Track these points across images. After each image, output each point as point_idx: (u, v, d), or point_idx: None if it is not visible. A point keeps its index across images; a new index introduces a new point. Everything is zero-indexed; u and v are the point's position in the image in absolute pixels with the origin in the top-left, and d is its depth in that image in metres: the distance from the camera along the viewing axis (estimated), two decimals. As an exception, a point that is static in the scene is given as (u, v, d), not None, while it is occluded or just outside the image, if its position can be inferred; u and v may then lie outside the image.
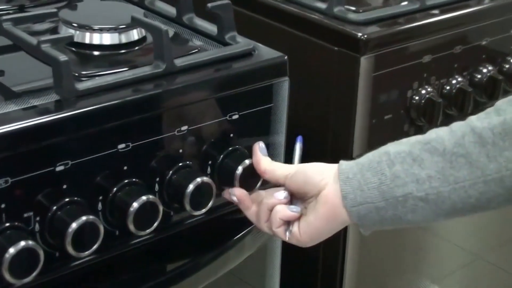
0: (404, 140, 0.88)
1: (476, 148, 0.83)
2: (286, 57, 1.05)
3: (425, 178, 0.84)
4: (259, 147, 0.97)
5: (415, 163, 0.85)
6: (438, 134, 0.86)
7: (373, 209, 0.87)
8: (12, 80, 0.93)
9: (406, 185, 0.85)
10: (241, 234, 1.05)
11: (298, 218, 0.92)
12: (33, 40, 0.92)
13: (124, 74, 0.93)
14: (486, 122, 0.83)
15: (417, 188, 0.85)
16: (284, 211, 0.92)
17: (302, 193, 0.92)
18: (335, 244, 1.25)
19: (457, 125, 0.85)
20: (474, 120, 0.84)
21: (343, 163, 0.90)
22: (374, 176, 0.86)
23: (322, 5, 1.23)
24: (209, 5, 1.04)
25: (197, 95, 0.97)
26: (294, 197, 0.93)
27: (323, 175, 0.90)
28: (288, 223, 0.92)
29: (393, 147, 0.87)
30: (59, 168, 0.86)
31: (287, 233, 0.92)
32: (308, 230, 0.91)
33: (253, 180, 0.98)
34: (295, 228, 0.92)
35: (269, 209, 0.93)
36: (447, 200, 0.84)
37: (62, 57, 0.87)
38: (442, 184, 0.84)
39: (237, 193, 0.96)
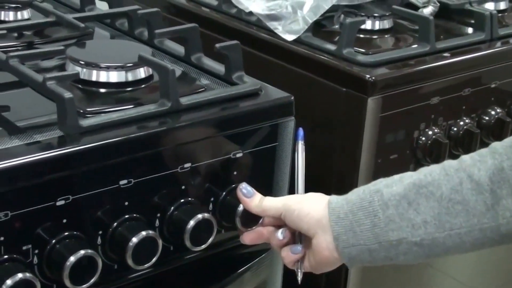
0: (396, 178, 0.88)
1: (474, 195, 0.83)
2: (292, 97, 1.05)
3: (421, 223, 0.84)
4: (242, 192, 0.96)
5: (410, 207, 0.84)
6: (433, 178, 0.85)
7: (365, 251, 0.86)
8: (17, 116, 0.95)
9: (401, 229, 0.85)
10: (240, 270, 1.05)
11: (306, 253, 0.92)
12: (39, 77, 0.93)
13: (129, 111, 0.95)
14: (483, 168, 0.83)
15: (412, 233, 0.84)
16: (288, 256, 0.92)
17: (300, 230, 0.92)
18: (337, 277, 1.25)
19: (451, 169, 0.85)
20: (470, 165, 0.84)
21: (332, 200, 0.89)
22: (366, 218, 0.86)
23: (332, 47, 1.24)
24: (218, 45, 1.06)
25: (202, 133, 0.98)
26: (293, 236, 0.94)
27: (309, 219, 0.89)
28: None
29: (385, 187, 0.87)
30: (60, 202, 0.87)
31: (299, 272, 0.92)
32: (316, 264, 0.91)
33: (255, 216, 0.99)
34: (305, 263, 0.92)
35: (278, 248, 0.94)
36: (441, 245, 0.84)
37: (67, 94, 0.89)
38: (437, 230, 0.84)
39: (247, 239, 0.97)
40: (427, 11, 1.39)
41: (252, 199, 0.95)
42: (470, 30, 1.41)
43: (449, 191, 0.84)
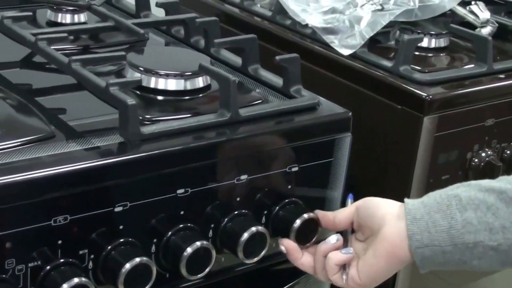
0: (473, 183, 0.87)
1: None
2: (350, 113, 1.05)
3: (499, 228, 0.83)
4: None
5: (489, 211, 0.84)
6: None
7: (439, 252, 0.86)
8: (74, 119, 0.95)
9: (478, 232, 0.84)
10: (289, 284, 1.05)
11: (355, 260, 0.92)
12: (102, 82, 0.93)
13: (188, 120, 0.94)
14: None
15: (490, 237, 0.84)
16: (337, 255, 0.92)
17: (364, 227, 0.92)
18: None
19: None
20: None
21: (409, 202, 0.89)
22: (443, 219, 0.85)
23: (388, 63, 1.24)
24: (277, 57, 1.05)
25: (259, 146, 0.98)
26: (346, 242, 0.94)
27: (385, 210, 0.90)
28: (344, 267, 0.92)
29: (463, 192, 0.86)
30: (118, 209, 0.87)
31: (344, 277, 0.91)
32: (366, 270, 0.91)
33: (310, 234, 0.98)
34: (352, 270, 0.92)
35: (324, 256, 0.93)
36: None
37: (130, 101, 0.88)
38: None
39: (285, 244, 0.97)
40: (485, 31, 1.38)
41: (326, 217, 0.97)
42: (528, 52, 1.40)
43: None
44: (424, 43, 1.34)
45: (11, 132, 0.88)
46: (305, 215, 0.98)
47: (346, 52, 1.27)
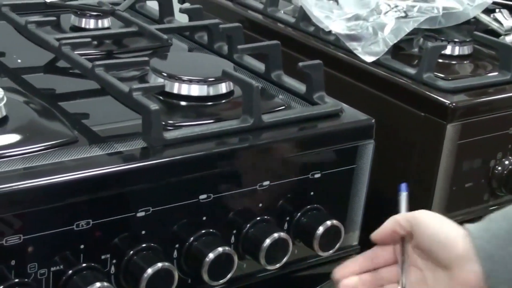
0: None
1: None
2: (373, 120, 1.04)
3: None
4: None
5: None
6: None
7: None
8: (97, 124, 0.96)
9: None
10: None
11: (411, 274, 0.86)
12: (125, 88, 0.93)
13: (211, 126, 0.94)
14: None
15: None
16: None
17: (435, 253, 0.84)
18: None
19: None
20: None
21: (474, 233, 0.81)
22: None
23: (412, 70, 1.23)
24: (301, 64, 1.05)
25: (282, 152, 0.98)
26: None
27: (452, 247, 0.82)
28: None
29: None
30: (140, 214, 0.87)
31: None
32: None
33: (333, 242, 0.98)
34: None
35: None
36: None
37: (153, 106, 0.88)
38: None
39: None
40: (509, 39, 1.37)
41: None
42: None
43: None
44: (448, 50, 1.33)
45: (34, 137, 0.89)
46: (328, 222, 0.98)
47: (369, 59, 1.26)
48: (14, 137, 0.88)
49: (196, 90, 1.03)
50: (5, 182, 0.80)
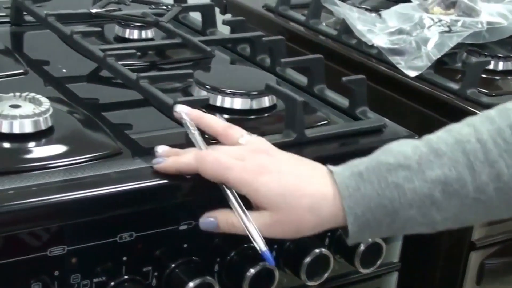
0: (413, 162, 0.80)
1: (499, 196, 0.80)
2: (416, 136, 1.04)
3: (441, 220, 0.81)
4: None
5: (433, 206, 0.80)
6: (459, 173, 0.80)
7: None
8: (140, 135, 0.96)
9: (421, 225, 0.81)
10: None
11: None
12: (169, 100, 0.94)
13: (253, 140, 0.94)
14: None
15: (431, 227, 0.82)
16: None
17: None
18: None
19: (477, 161, 0.79)
20: (497, 159, 0.79)
21: (343, 188, 0.81)
22: (386, 216, 0.80)
23: (455, 86, 1.22)
24: (344, 78, 1.05)
25: (324, 167, 0.97)
26: None
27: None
28: None
29: (406, 181, 0.80)
30: (182, 227, 0.88)
31: None
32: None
33: (375, 258, 0.97)
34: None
35: None
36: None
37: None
38: (455, 223, 0.82)
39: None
40: (555, 54, 1.36)
41: None
42: None
43: (474, 191, 0.79)
44: (492, 65, 1.32)
45: (79, 148, 0.89)
46: (370, 239, 0.98)
47: (412, 73, 1.26)
48: (59, 148, 0.88)
49: (239, 103, 1.03)
50: (50, 193, 0.80)
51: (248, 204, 0.83)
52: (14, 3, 1.30)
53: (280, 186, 0.81)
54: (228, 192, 0.83)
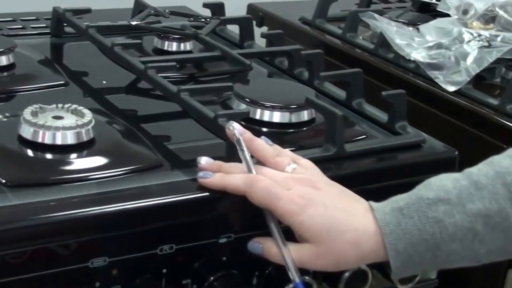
0: (453, 196, 0.81)
1: None
2: (456, 152, 1.03)
3: (485, 253, 0.81)
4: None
5: (476, 239, 0.81)
6: (500, 206, 0.80)
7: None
8: (179, 147, 0.97)
9: (464, 259, 0.82)
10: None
11: None
12: (210, 113, 0.94)
13: (294, 154, 0.94)
14: None
15: (476, 260, 0.83)
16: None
17: None
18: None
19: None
20: None
21: (385, 229, 0.82)
22: (427, 251, 0.81)
23: (494, 101, 1.21)
24: (384, 93, 1.05)
25: (363, 181, 0.97)
26: None
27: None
28: None
29: (446, 216, 0.80)
30: (222, 240, 0.88)
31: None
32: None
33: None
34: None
35: None
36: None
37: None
38: (499, 256, 0.82)
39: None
40: None
41: None
42: None
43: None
44: (531, 81, 1.32)
45: (120, 160, 0.90)
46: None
47: (451, 88, 1.25)
48: (100, 160, 0.89)
49: (278, 117, 1.03)
50: (92, 205, 0.81)
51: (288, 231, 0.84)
52: (55, 14, 1.31)
53: (325, 220, 0.82)
54: (272, 223, 0.84)
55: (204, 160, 0.88)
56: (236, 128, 0.88)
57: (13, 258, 0.77)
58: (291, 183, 0.84)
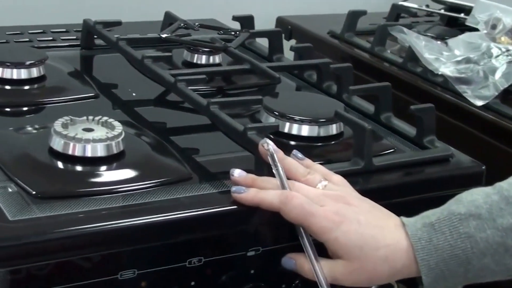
0: (484, 211, 0.82)
1: None
2: (483, 167, 1.03)
3: None
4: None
5: (507, 253, 0.81)
6: None
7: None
8: (208, 159, 0.97)
9: (495, 274, 0.83)
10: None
11: None
12: (240, 127, 0.95)
13: (321, 167, 0.95)
14: None
15: (507, 275, 0.83)
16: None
17: None
18: None
19: None
20: None
21: (417, 245, 0.83)
22: (459, 266, 0.82)
23: (521, 115, 1.22)
24: (412, 107, 1.05)
25: (391, 195, 0.97)
26: None
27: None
28: None
29: (477, 231, 0.81)
30: (250, 253, 0.88)
31: None
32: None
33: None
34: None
35: None
36: None
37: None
38: None
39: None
40: None
41: None
42: None
43: None
44: (560, 96, 1.31)
45: (150, 172, 0.90)
46: None
47: (479, 102, 1.25)
48: (130, 173, 0.90)
49: (306, 130, 1.04)
50: (121, 217, 0.82)
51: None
52: (85, 27, 1.32)
53: (359, 237, 0.83)
54: (305, 239, 0.85)
55: (237, 173, 0.88)
56: (270, 145, 0.89)
57: (40, 270, 0.78)
58: (325, 200, 0.85)
